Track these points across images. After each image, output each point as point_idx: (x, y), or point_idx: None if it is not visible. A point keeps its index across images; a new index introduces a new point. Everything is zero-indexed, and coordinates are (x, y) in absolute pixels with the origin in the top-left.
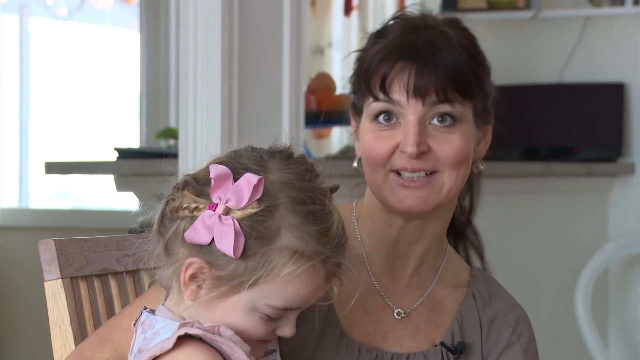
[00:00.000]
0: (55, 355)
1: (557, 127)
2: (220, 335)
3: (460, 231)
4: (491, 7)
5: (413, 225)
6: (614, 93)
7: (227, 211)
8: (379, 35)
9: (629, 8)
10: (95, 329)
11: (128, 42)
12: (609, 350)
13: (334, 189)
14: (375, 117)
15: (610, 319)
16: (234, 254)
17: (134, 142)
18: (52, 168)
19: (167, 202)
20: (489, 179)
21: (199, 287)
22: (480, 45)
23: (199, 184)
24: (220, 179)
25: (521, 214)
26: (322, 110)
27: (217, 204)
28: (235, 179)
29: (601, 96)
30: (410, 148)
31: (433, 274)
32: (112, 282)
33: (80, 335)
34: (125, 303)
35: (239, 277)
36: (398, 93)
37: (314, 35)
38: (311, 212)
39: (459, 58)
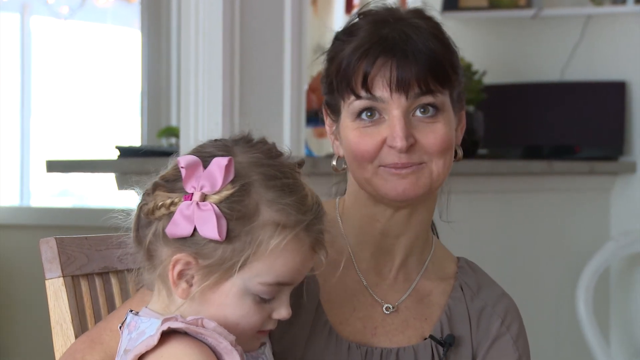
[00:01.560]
0: (57, 354)
1: (558, 126)
2: (204, 327)
3: None
4: (492, 5)
5: (399, 217)
6: (616, 91)
7: (204, 197)
8: (348, 33)
9: (630, 6)
10: None
11: (129, 40)
12: (611, 349)
13: (300, 164)
14: (358, 114)
15: (611, 318)
16: (219, 236)
17: (135, 140)
18: (54, 166)
19: (141, 208)
20: (490, 177)
21: (188, 283)
22: (446, 32)
23: (169, 182)
24: (191, 168)
25: (522, 213)
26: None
27: (192, 193)
28: (205, 166)
29: (603, 95)
30: (400, 142)
31: (420, 267)
32: (114, 281)
33: (81, 333)
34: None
35: (227, 261)
36: (381, 89)
37: (316, 33)
38: (285, 185)
39: (434, 47)
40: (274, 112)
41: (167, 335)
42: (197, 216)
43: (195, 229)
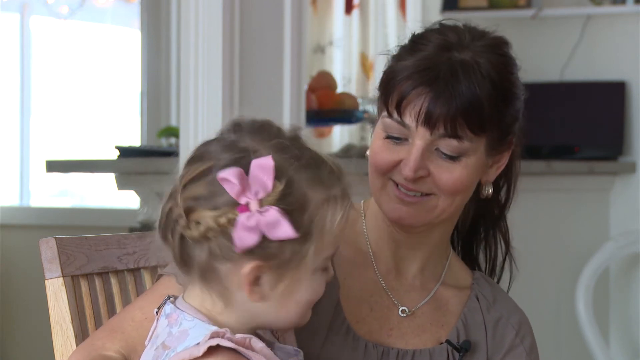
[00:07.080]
0: (56, 354)
1: (558, 126)
2: (252, 347)
3: (491, 225)
4: (492, 5)
5: (412, 234)
6: (615, 92)
7: (261, 203)
8: (414, 46)
9: (630, 6)
10: (96, 328)
11: (129, 40)
12: (610, 349)
13: (298, 129)
14: (386, 129)
15: (611, 318)
16: (294, 233)
17: (135, 140)
18: (53, 166)
19: (181, 239)
20: None
21: (261, 286)
22: (514, 72)
23: (207, 201)
24: (241, 179)
25: (522, 213)
26: (323, 109)
27: (249, 203)
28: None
29: (602, 95)
30: (407, 172)
31: (437, 275)
32: (113, 281)
33: (81, 333)
34: (126, 301)
35: (298, 253)
36: (410, 118)
37: (315, 33)
38: (311, 159)
39: (479, 92)
40: (273, 112)
41: (213, 346)
42: (264, 223)
43: (263, 236)
